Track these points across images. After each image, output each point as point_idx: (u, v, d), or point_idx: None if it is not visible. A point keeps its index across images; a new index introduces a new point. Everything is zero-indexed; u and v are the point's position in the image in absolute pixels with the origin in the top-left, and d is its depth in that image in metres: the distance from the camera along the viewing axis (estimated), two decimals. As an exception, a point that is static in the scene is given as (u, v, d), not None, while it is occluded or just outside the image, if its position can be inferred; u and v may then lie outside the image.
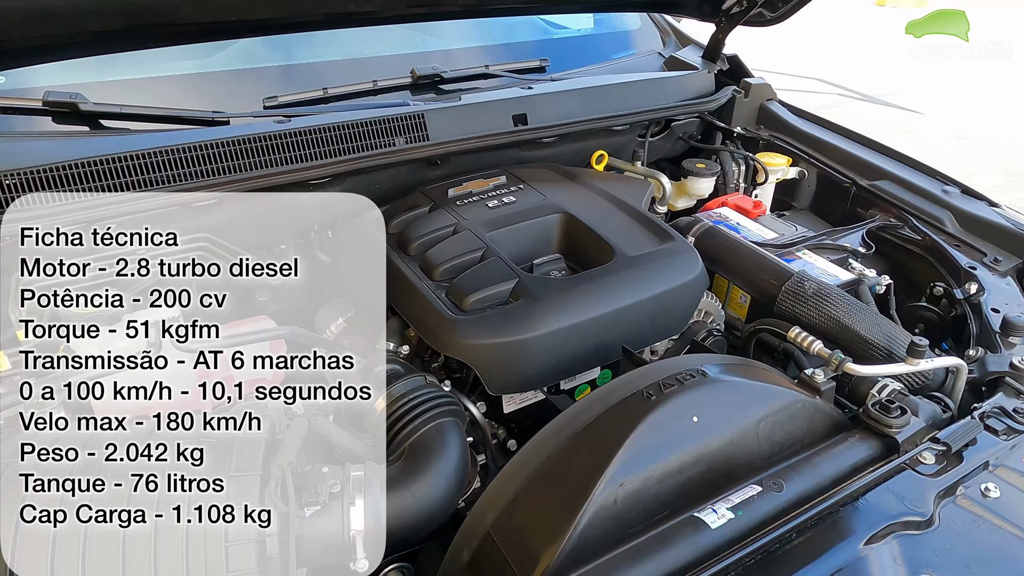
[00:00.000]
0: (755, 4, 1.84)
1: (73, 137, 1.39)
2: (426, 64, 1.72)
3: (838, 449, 1.05)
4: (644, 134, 1.90)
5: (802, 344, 1.19)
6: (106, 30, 1.15)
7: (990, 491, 0.98)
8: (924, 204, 1.69)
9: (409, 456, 1.01)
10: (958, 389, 1.20)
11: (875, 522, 0.93)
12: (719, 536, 0.89)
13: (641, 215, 1.43)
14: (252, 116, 1.49)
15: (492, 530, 0.94)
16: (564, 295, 1.21)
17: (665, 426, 0.97)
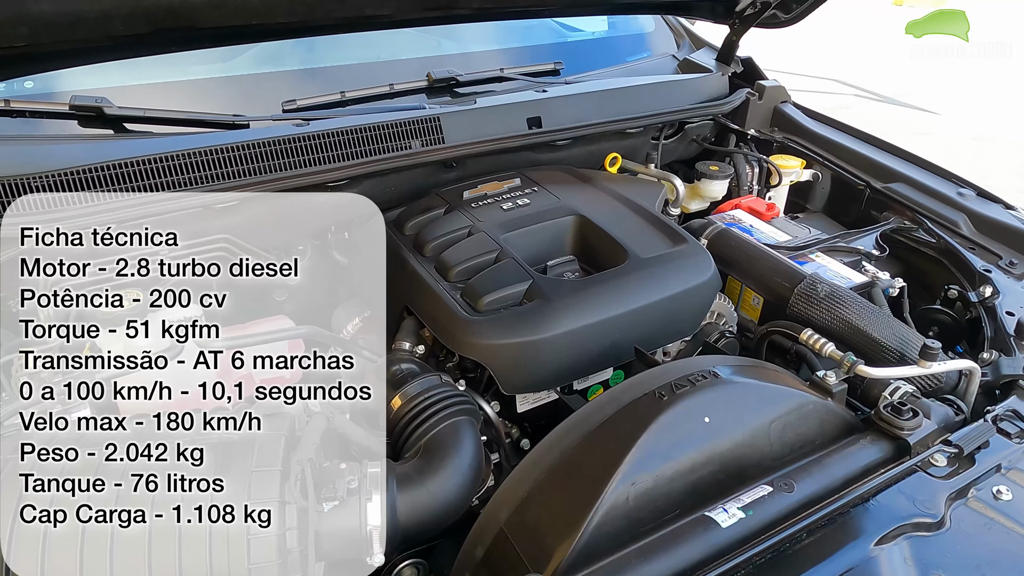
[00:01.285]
0: (769, 6, 1.84)
1: (98, 140, 1.42)
2: (442, 67, 1.74)
3: (849, 451, 1.05)
4: (657, 137, 1.91)
5: (814, 346, 1.20)
6: (131, 34, 1.18)
7: (1002, 494, 0.98)
8: (939, 207, 1.68)
9: (424, 454, 1.03)
10: (971, 392, 1.20)
11: (886, 523, 0.94)
12: (730, 535, 0.90)
13: (654, 217, 1.44)
14: (271, 119, 1.52)
15: (506, 527, 0.95)
16: (577, 296, 1.22)
17: (677, 426, 0.98)
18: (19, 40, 1.06)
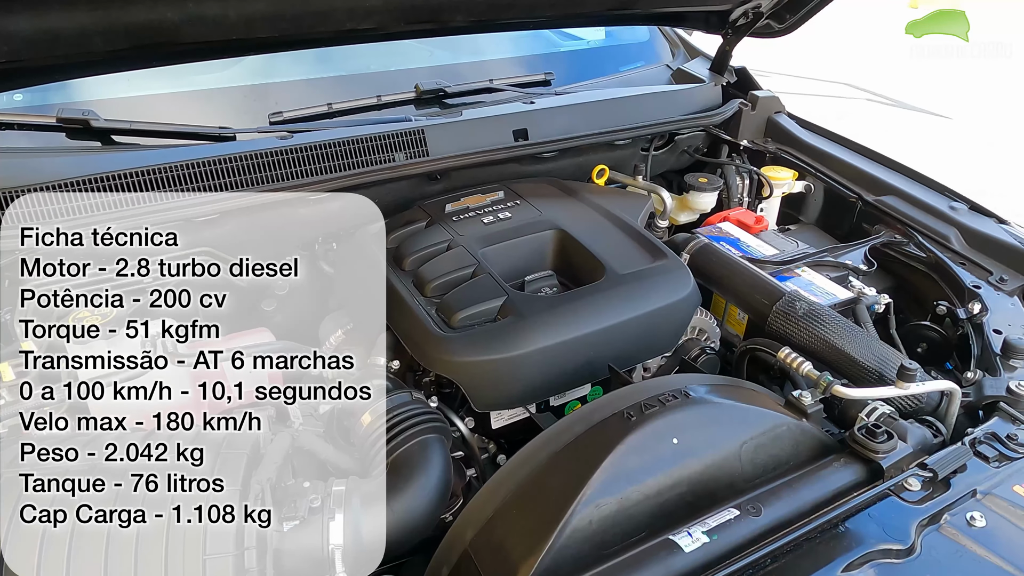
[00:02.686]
0: (762, 16, 1.83)
1: (86, 153, 1.44)
2: (432, 78, 1.74)
3: (821, 473, 1.04)
4: (647, 148, 1.90)
5: (791, 365, 1.18)
6: (112, 50, 1.19)
7: (975, 520, 0.96)
8: (930, 220, 1.66)
9: (391, 471, 1.03)
10: (951, 413, 1.18)
11: (854, 549, 0.93)
12: (692, 560, 0.89)
13: (635, 232, 1.43)
14: (257, 132, 1.53)
15: (470, 547, 0.95)
16: (551, 313, 1.21)
17: (644, 448, 0.97)
18: (0, 56, 1.07)
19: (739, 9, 1.82)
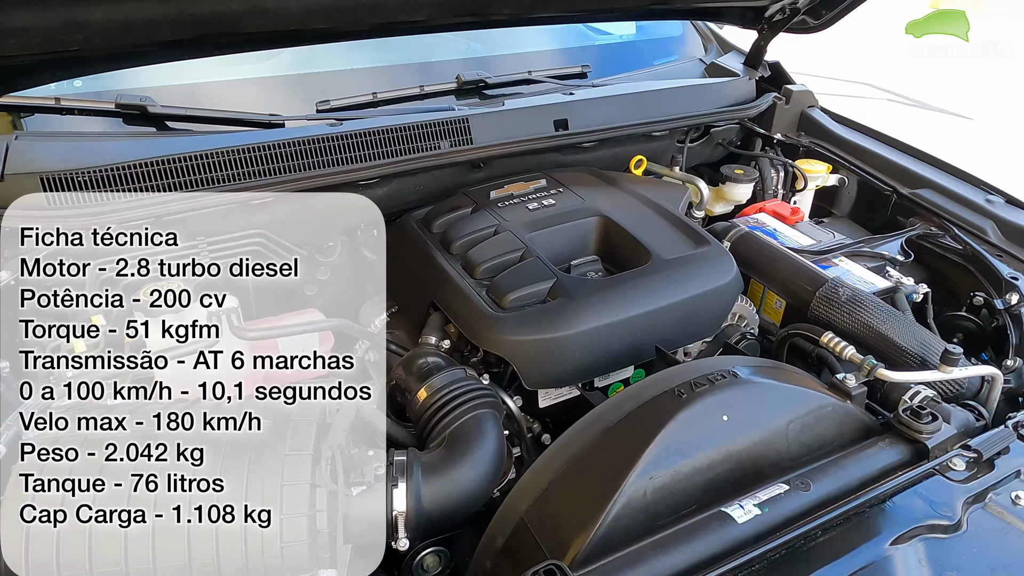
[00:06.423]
0: (798, 12, 1.85)
1: (142, 137, 1.49)
2: (473, 69, 1.77)
3: (867, 453, 1.06)
4: (683, 140, 1.92)
5: (835, 349, 1.21)
6: (177, 39, 1.24)
7: (1020, 499, 0.99)
8: (966, 213, 1.67)
9: (448, 444, 1.07)
10: (993, 398, 1.20)
11: (902, 524, 0.95)
12: (745, 531, 0.92)
13: (677, 219, 1.46)
14: (306, 119, 1.57)
15: (526, 517, 0.98)
16: (600, 295, 1.25)
17: (695, 424, 1.00)
18: (73, 44, 1.12)
19: (775, 5, 1.84)
